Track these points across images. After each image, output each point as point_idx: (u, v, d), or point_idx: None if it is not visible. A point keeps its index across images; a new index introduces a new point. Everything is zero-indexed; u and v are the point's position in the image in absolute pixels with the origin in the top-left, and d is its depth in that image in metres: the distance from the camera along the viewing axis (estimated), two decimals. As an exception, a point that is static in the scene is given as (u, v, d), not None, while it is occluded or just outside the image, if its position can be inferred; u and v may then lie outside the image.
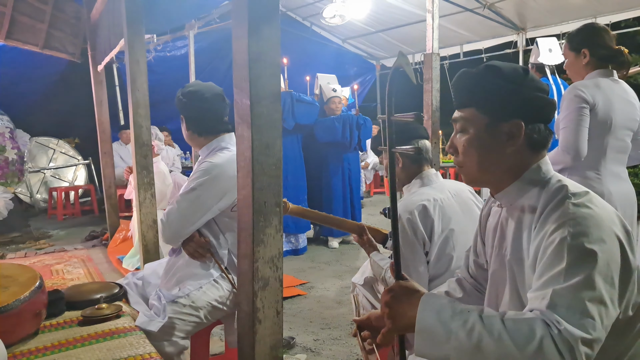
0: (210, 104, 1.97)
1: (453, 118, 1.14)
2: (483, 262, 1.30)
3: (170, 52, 7.35)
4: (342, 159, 5.14)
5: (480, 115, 1.07)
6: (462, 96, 1.11)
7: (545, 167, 1.07)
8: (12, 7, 4.49)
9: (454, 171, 6.87)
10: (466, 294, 1.35)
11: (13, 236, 5.55)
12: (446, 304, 0.93)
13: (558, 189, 1.01)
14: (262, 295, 1.36)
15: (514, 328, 0.85)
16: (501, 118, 1.05)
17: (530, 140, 1.06)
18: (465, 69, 1.12)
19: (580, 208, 0.94)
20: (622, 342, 0.97)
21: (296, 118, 4.76)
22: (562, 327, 0.83)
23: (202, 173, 1.89)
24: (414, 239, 1.73)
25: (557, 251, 0.91)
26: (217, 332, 2.75)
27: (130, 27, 2.78)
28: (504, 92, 1.05)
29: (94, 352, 1.38)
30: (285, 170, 4.65)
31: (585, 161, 2.08)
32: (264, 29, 1.29)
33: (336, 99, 5.11)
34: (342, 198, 5.11)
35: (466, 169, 1.13)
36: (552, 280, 0.89)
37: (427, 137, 1.93)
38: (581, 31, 2.19)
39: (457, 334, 0.88)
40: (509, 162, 1.07)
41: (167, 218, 1.89)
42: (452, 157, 1.16)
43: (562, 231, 0.92)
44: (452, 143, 1.15)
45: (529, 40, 6.85)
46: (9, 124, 6.48)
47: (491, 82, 1.06)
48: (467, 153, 1.10)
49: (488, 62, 1.11)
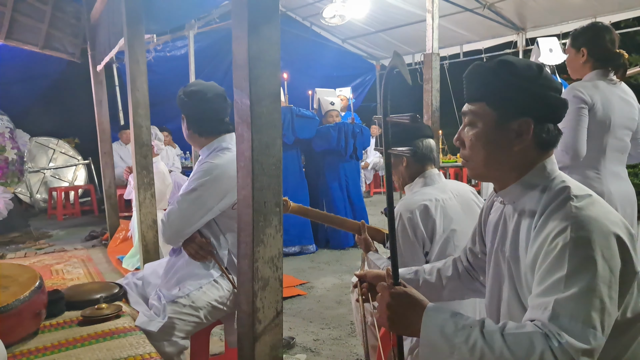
0: (211, 103, 1.97)
1: (463, 111, 1.13)
2: (478, 251, 1.32)
3: (170, 52, 7.35)
4: (338, 169, 5.15)
5: (490, 110, 1.06)
6: (473, 89, 1.10)
7: (551, 167, 1.07)
8: (12, 7, 4.49)
9: (453, 171, 6.87)
10: (457, 275, 1.38)
11: (13, 236, 5.55)
12: (449, 319, 0.94)
13: (561, 189, 1.01)
14: (262, 295, 1.36)
15: (514, 342, 0.86)
16: (510, 115, 1.04)
17: (539, 139, 1.05)
18: (479, 62, 1.10)
19: (583, 211, 0.94)
20: (619, 344, 0.97)
21: (296, 133, 4.81)
22: (564, 340, 0.83)
23: (203, 173, 1.88)
24: (414, 239, 1.72)
25: (558, 256, 0.91)
26: (217, 332, 2.75)
27: (130, 27, 2.78)
28: (515, 89, 1.03)
29: (94, 352, 1.37)
30: (286, 183, 4.66)
31: (585, 161, 2.08)
32: (264, 29, 1.29)
33: (334, 112, 5.20)
34: (343, 208, 5.12)
35: (472, 164, 1.12)
36: (553, 287, 0.89)
37: (431, 136, 1.92)
38: (584, 30, 2.20)
39: (460, 350, 0.90)
40: (515, 159, 1.06)
41: (167, 218, 1.88)
42: (456, 156, 1.16)
43: (564, 236, 0.91)
44: (459, 136, 1.13)
45: (528, 40, 6.85)
46: (9, 124, 6.47)
47: (503, 77, 1.04)
48: (474, 148, 1.09)
49: (503, 57, 1.10)
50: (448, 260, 1.43)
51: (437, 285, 1.39)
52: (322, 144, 5.02)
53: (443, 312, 0.96)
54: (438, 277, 1.39)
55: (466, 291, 1.39)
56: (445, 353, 0.91)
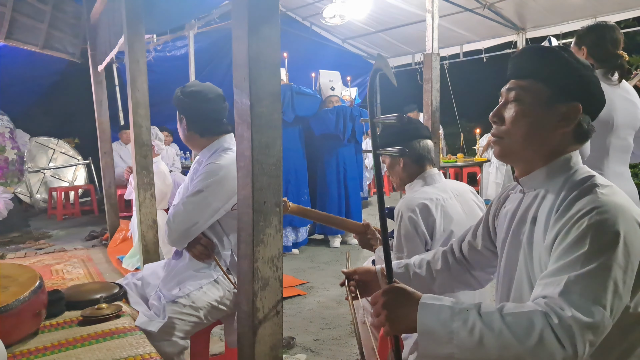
0: (213, 104, 1.97)
1: (507, 87, 1.11)
2: (478, 244, 1.32)
3: (170, 52, 7.35)
4: (337, 154, 5.12)
5: (543, 87, 1.06)
6: (528, 66, 1.09)
7: (576, 159, 1.08)
8: (12, 7, 4.49)
9: (454, 171, 6.87)
10: (447, 267, 1.38)
11: (13, 236, 5.55)
12: (444, 305, 0.94)
13: (586, 177, 1.02)
14: (262, 295, 1.36)
15: (513, 322, 0.86)
16: (563, 97, 1.04)
17: (579, 129, 1.06)
18: (535, 45, 1.11)
19: (610, 197, 0.95)
20: (628, 338, 0.97)
21: (296, 110, 4.77)
22: (569, 314, 0.84)
23: (209, 174, 1.87)
24: (415, 237, 1.72)
25: (581, 235, 0.91)
26: (217, 332, 2.75)
27: (130, 27, 2.78)
28: (575, 72, 1.04)
29: (94, 352, 1.37)
30: (287, 163, 4.68)
31: (588, 161, 2.08)
32: (264, 29, 1.29)
33: (334, 98, 5.12)
34: (337, 195, 5.10)
35: (508, 140, 1.10)
36: (569, 265, 0.89)
37: (429, 137, 1.92)
38: (588, 29, 2.20)
39: (459, 334, 0.89)
40: (553, 143, 1.07)
41: (173, 220, 1.86)
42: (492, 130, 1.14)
43: (590, 216, 0.91)
44: (498, 111, 1.12)
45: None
46: (9, 124, 6.47)
47: (564, 59, 1.05)
48: (517, 123, 1.08)
49: (560, 45, 1.12)
50: (437, 253, 1.42)
51: (427, 279, 1.39)
52: (321, 127, 4.99)
53: (438, 299, 0.96)
54: (428, 270, 1.40)
55: (456, 284, 1.39)
56: (444, 339, 0.90)
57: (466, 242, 1.36)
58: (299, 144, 5.01)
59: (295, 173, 4.91)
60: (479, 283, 1.40)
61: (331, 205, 5.01)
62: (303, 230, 4.97)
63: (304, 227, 4.97)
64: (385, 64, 1.01)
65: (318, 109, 5.05)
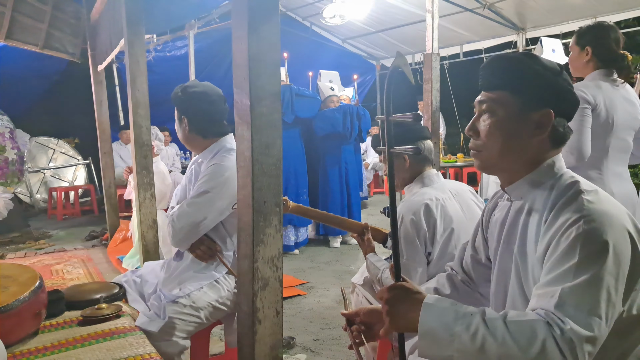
0: (216, 105, 1.96)
1: (479, 100, 1.12)
2: (482, 257, 1.29)
3: (170, 52, 7.35)
4: (339, 154, 5.12)
5: (514, 99, 1.06)
6: (496, 78, 1.09)
7: (559, 164, 1.08)
8: (12, 7, 4.48)
9: (453, 171, 6.87)
10: (455, 290, 1.35)
11: (13, 236, 5.54)
12: (448, 307, 0.93)
13: (570, 184, 1.01)
14: (262, 295, 1.36)
15: (517, 330, 0.86)
16: (534, 105, 1.04)
17: (555, 134, 1.06)
18: (501, 53, 1.11)
19: (595, 204, 0.94)
20: (624, 342, 0.97)
21: (296, 111, 4.77)
22: (568, 327, 0.83)
23: (214, 175, 1.86)
24: (415, 240, 1.72)
25: (570, 246, 0.91)
26: (217, 332, 2.75)
27: (130, 27, 2.78)
28: (542, 79, 1.04)
29: (94, 352, 1.37)
30: (287, 163, 4.68)
31: (588, 161, 2.07)
32: (264, 29, 1.29)
33: (334, 98, 5.12)
34: (340, 194, 5.11)
35: (486, 153, 1.10)
36: (562, 276, 0.89)
37: (429, 138, 1.93)
38: (590, 28, 2.19)
39: (461, 337, 0.88)
40: (530, 151, 1.06)
41: (178, 221, 1.85)
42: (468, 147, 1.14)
43: (577, 226, 0.91)
44: (473, 125, 1.12)
45: (529, 40, 6.85)
46: (9, 124, 6.46)
47: (531, 67, 1.05)
48: (492, 136, 1.08)
49: (524, 51, 1.12)
50: (441, 278, 1.40)
51: None
52: (326, 127, 4.96)
53: (442, 301, 0.96)
54: (437, 295, 1.36)
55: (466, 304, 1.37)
56: (445, 342, 0.90)
57: (468, 257, 1.34)
58: (299, 144, 5.01)
59: (295, 173, 4.91)
60: (488, 300, 1.39)
61: (334, 205, 5.02)
62: (303, 230, 4.97)
63: (304, 227, 4.97)
64: (405, 62, 0.99)
65: (318, 110, 5.05)
